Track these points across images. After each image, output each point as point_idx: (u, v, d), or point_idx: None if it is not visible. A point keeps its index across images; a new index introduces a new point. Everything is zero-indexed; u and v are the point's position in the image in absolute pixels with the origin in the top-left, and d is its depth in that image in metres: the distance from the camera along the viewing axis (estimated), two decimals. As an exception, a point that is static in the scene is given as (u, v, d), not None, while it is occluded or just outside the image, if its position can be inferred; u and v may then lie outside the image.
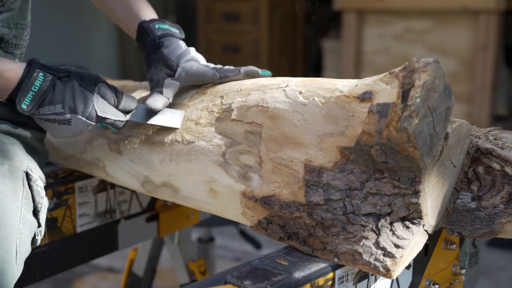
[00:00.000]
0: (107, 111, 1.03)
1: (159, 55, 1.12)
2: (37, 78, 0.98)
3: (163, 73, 1.11)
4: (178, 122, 1.06)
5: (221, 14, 4.68)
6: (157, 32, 1.13)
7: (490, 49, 3.06)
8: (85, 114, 1.00)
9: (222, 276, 0.81)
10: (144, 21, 1.15)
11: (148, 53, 1.13)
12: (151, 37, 1.13)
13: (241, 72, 1.10)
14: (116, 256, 1.65)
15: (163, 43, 1.12)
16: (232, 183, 0.98)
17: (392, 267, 0.82)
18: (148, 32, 1.13)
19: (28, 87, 0.98)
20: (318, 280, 0.82)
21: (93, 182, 1.30)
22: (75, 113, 1.00)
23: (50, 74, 0.99)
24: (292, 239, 0.90)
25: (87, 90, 1.01)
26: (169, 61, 1.11)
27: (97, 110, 1.01)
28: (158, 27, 1.14)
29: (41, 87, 0.99)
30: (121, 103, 1.05)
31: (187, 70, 1.11)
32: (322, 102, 0.91)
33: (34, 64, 1.00)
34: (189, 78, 1.12)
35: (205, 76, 1.11)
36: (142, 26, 1.14)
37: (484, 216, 0.93)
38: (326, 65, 3.79)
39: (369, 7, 3.34)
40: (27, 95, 0.98)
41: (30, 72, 0.99)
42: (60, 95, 0.99)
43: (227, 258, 2.89)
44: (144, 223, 1.43)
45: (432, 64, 0.81)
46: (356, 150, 0.86)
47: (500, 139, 0.97)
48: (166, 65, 1.11)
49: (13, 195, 0.98)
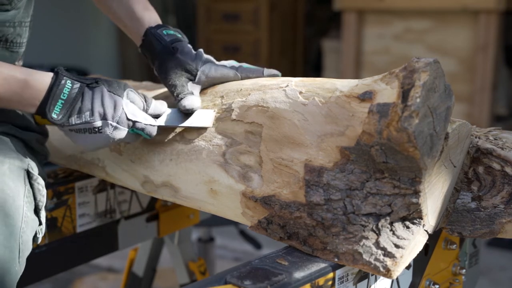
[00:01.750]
0: (138, 115, 1.01)
1: (176, 61, 1.10)
2: (65, 86, 0.97)
3: (184, 78, 1.09)
4: (210, 121, 1.04)
5: (221, 14, 4.68)
6: (167, 39, 1.11)
7: (490, 49, 3.06)
8: (115, 118, 0.98)
9: (222, 276, 0.81)
10: (151, 27, 1.13)
11: (162, 60, 1.11)
12: (162, 44, 1.11)
13: (264, 74, 1.09)
14: (116, 256, 1.66)
15: (177, 49, 1.10)
16: (232, 183, 0.98)
17: (392, 267, 0.82)
18: (158, 38, 1.11)
19: (57, 95, 0.97)
20: (318, 280, 0.82)
21: (93, 182, 1.30)
22: (105, 119, 0.98)
23: (78, 82, 0.99)
24: (292, 239, 0.90)
25: (116, 94, 0.99)
26: (187, 65, 1.10)
27: (127, 113, 0.99)
28: (166, 33, 1.12)
29: (70, 95, 0.97)
30: (150, 107, 1.04)
31: (207, 73, 1.10)
32: (322, 102, 0.91)
33: (62, 72, 0.99)
34: (210, 81, 1.11)
35: (226, 77, 1.10)
36: (150, 33, 1.12)
37: (484, 216, 0.93)
38: (326, 65, 3.79)
39: (369, 7, 3.34)
40: (57, 103, 0.97)
41: (58, 80, 0.98)
42: (89, 102, 0.98)
43: (227, 258, 2.89)
44: (144, 223, 1.43)
45: (432, 64, 0.81)
46: (356, 150, 0.86)
47: (500, 139, 0.97)
48: (185, 69, 1.10)
49: (14, 194, 0.98)
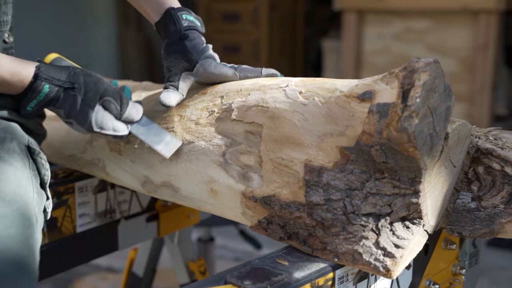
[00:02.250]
0: (106, 126, 1.04)
1: (181, 46, 1.11)
2: (42, 90, 1.01)
3: (181, 65, 1.10)
4: (170, 151, 1.05)
5: (221, 14, 4.68)
6: (184, 23, 1.12)
7: (490, 49, 3.06)
8: (83, 126, 1.04)
9: (222, 276, 0.81)
10: (172, 8, 1.13)
11: (170, 41, 1.12)
12: (177, 27, 1.11)
13: (262, 73, 1.10)
14: (116, 256, 1.65)
15: (187, 36, 1.11)
16: (232, 183, 0.98)
17: (392, 267, 0.82)
18: (175, 20, 1.12)
19: (33, 96, 1.01)
20: (318, 280, 0.82)
21: (93, 182, 1.30)
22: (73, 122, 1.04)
23: (56, 86, 1.02)
24: (292, 239, 0.90)
25: (88, 105, 1.03)
26: (189, 54, 1.10)
27: (94, 125, 1.03)
28: (185, 18, 1.13)
29: (46, 97, 1.02)
30: (124, 115, 1.06)
31: (206, 67, 1.10)
32: (322, 102, 0.91)
33: (41, 75, 1.00)
34: (206, 76, 1.11)
35: (224, 75, 1.10)
36: (169, 13, 1.13)
37: (484, 216, 0.93)
38: (326, 65, 3.79)
39: (369, 7, 3.34)
40: (32, 102, 1.02)
41: (36, 84, 1.00)
42: (62, 104, 1.03)
43: (227, 258, 2.89)
44: (144, 223, 1.42)
45: (432, 64, 0.81)
46: (356, 150, 0.86)
47: (500, 139, 0.97)
48: (186, 58, 1.10)
49: (21, 166, 1.00)
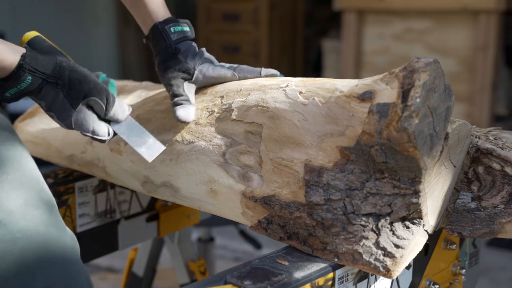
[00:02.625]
0: (85, 127, 1.01)
1: (175, 61, 1.11)
2: (24, 81, 0.97)
3: (180, 77, 1.10)
4: (152, 156, 1.04)
5: (221, 14, 4.68)
6: (173, 37, 1.12)
7: (490, 49, 3.06)
8: (62, 121, 1.01)
9: (222, 276, 0.81)
10: (159, 22, 1.13)
11: (162, 58, 1.12)
12: (167, 43, 1.11)
13: (261, 74, 1.10)
14: (116, 256, 1.66)
15: (179, 49, 1.11)
16: (232, 183, 0.98)
17: (392, 267, 0.82)
18: (164, 36, 1.12)
19: (13, 85, 0.98)
20: (318, 280, 0.82)
21: (93, 182, 1.30)
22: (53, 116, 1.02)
23: (39, 78, 0.98)
24: (292, 239, 0.90)
25: (70, 104, 1.00)
26: (185, 65, 1.10)
27: (74, 125, 1.01)
28: (174, 31, 1.12)
29: (27, 88, 0.98)
30: (109, 113, 1.03)
31: (204, 73, 1.10)
32: (322, 102, 0.91)
33: (25, 66, 0.97)
34: (207, 80, 1.11)
35: (223, 77, 1.11)
36: (157, 29, 1.12)
37: (484, 216, 0.93)
38: (326, 65, 3.79)
39: (369, 7, 3.34)
40: (11, 89, 0.98)
41: (19, 74, 0.97)
42: (44, 96, 1.00)
43: (227, 258, 2.89)
44: (144, 223, 1.42)
45: (432, 64, 0.81)
46: (356, 150, 0.86)
47: (500, 139, 0.97)
48: (183, 69, 1.10)
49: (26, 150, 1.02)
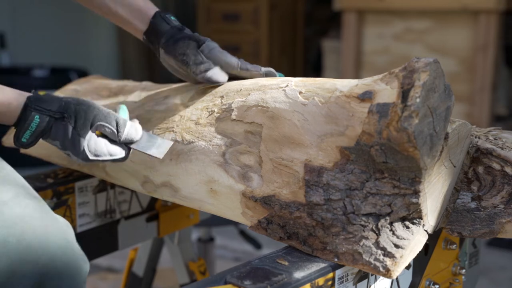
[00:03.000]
0: (101, 152, 1.02)
1: (184, 34, 1.13)
2: (33, 120, 1.00)
3: (192, 45, 1.11)
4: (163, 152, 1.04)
5: (221, 14, 4.68)
6: (175, 22, 1.15)
7: (490, 49, 3.06)
8: (78, 155, 1.02)
9: (222, 276, 0.81)
10: (160, 11, 1.16)
11: (169, 36, 1.13)
12: (171, 25, 1.14)
13: (262, 70, 1.11)
14: (116, 256, 1.65)
15: (184, 27, 1.14)
16: (232, 183, 0.98)
17: (392, 267, 0.82)
18: (167, 21, 1.14)
19: (24, 128, 1.00)
20: (318, 280, 0.82)
21: (93, 182, 1.30)
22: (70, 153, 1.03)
23: (46, 116, 1.01)
24: (292, 239, 0.90)
25: (79, 134, 1.01)
26: (194, 37, 1.12)
27: (89, 154, 1.01)
28: (174, 19, 1.16)
29: (38, 127, 1.00)
30: (122, 136, 1.04)
31: (211, 49, 1.11)
32: (322, 102, 0.91)
33: (31, 105, 1.00)
34: (210, 55, 1.11)
35: (228, 61, 1.11)
36: (159, 16, 1.15)
37: (484, 216, 0.93)
38: (326, 65, 3.79)
39: (369, 7, 3.34)
40: (25, 133, 1.01)
41: (26, 115, 1.00)
42: (55, 135, 1.02)
43: (227, 258, 2.88)
44: (144, 223, 1.42)
45: (432, 64, 0.81)
46: (356, 150, 0.86)
47: (500, 139, 0.97)
48: (194, 39, 1.12)
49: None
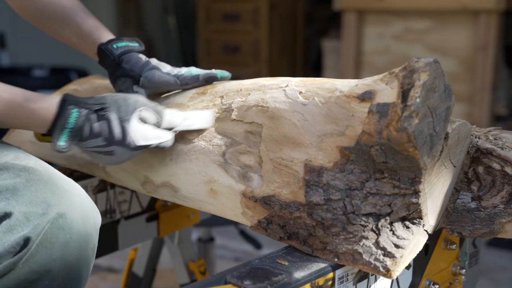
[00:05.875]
0: (149, 136, 1.01)
1: (121, 70, 1.16)
2: (70, 115, 0.97)
3: (128, 83, 1.16)
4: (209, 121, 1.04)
5: (221, 14, 4.67)
6: (116, 52, 1.17)
7: (490, 49, 3.05)
8: (125, 145, 0.99)
9: (222, 276, 0.81)
10: (102, 44, 1.19)
11: (111, 71, 1.18)
12: (111, 58, 1.17)
13: (200, 79, 1.13)
14: (116, 256, 1.65)
15: (122, 60, 1.17)
16: (232, 183, 0.98)
17: (392, 267, 0.82)
18: (108, 53, 1.17)
19: (63, 125, 0.97)
20: (318, 280, 0.82)
21: (93, 182, 1.30)
22: (116, 145, 0.99)
23: (85, 109, 0.98)
24: (292, 239, 0.90)
25: (124, 120, 0.99)
26: (131, 73, 1.16)
27: (138, 139, 1.00)
28: (116, 47, 1.18)
29: (77, 123, 0.98)
30: (164, 122, 1.03)
31: (150, 78, 1.15)
32: (322, 102, 0.91)
33: (68, 100, 0.98)
34: (152, 85, 1.15)
35: (167, 83, 1.15)
36: (101, 49, 1.19)
37: (484, 216, 0.93)
38: (326, 65, 3.78)
39: (369, 7, 3.34)
40: (63, 132, 0.97)
41: (63, 109, 0.97)
42: (98, 129, 0.99)
43: (227, 258, 2.88)
44: (144, 223, 1.42)
45: (432, 64, 0.81)
46: (356, 150, 0.86)
47: (500, 139, 0.97)
48: (129, 76, 1.16)
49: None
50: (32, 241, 0.86)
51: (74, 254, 0.89)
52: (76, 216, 0.90)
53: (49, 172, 0.94)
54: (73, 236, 0.89)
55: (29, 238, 0.86)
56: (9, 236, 0.86)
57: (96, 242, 0.94)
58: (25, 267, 0.86)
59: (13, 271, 0.85)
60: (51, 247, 0.87)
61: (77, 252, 0.90)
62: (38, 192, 0.89)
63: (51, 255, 0.87)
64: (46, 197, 0.89)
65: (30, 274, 0.86)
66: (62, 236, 0.88)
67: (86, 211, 0.92)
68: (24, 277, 0.86)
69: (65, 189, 0.92)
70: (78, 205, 0.91)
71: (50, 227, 0.87)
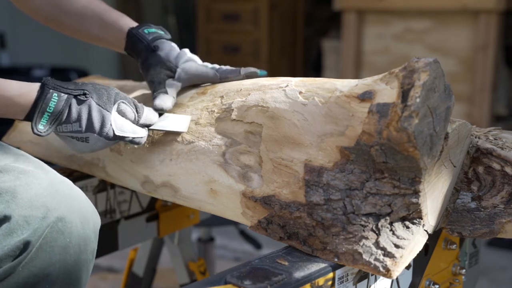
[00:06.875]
0: (125, 129, 1.01)
1: (157, 58, 1.12)
2: (51, 99, 0.96)
3: (163, 74, 1.11)
4: (185, 126, 1.06)
5: (221, 14, 4.68)
6: (148, 37, 1.14)
7: (490, 49, 3.06)
8: (103, 133, 0.99)
9: (222, 276, 0.81)
10: (132, 28, 1.15)
11: (144, 58, 1.14)
12: (144, 43, 1.13)
13: (241, 73, 1.11)
14: (116, 256, 1.65)
15: (158, 47, 1.13)
16: (232, 183, 0.98)
17: (392, 267, 0.82)
18: (140, 38, 1.14)
19: (42, 108, 0.96)
20: (318, 280, 0.82)
21: (93, 182, 1.30)
22: (92, 132, 0.98)
23: (65, 93, 0.97)
24: (292, 239, 0.90)
25: (104, 109, 0.99)
26: (167, 63, 1.12)
27: (115, 129, 0.99)
28: (148, 32, 1.14)
29: (56, 107, 0.96)
30: (141, 118, 1.04)
31: (187, 70, 1.12)
32: (322, 102, 0.91)
33: (48, 84, 0.97)
34: (189, 78, 1.12)
35: (205, 76, 1.12)
36: (132, 34, 1.15)
37: (484, 216, 0.93)
38: (326, 65, 3.78)
39: (369, 7, 3.34)
40: (43, 116, 0.96)
41: (44, 93, 0.96)
42: (76, 114, 0.98)
43: (227, 258, 2.88)
44: (144, 223, 1.42)
45: (432, 64, 0.81)
46: (356, 150, 0.86)
47: (500, 139, 0.97)
48: (165, 67, 1.12)
49: None
50: (32, 245, 0.86)
51: (74, 257, 0.90)
52: (76, 220, 0.90)
53: (49, 175, 0.94)
54: (73, 240, 0.89)
55: (29, 242, 0.86)
56: (9, 239, 0.86)
57: (96, 246, 0.94)
58: (25, 271, 0.86)
59: (13, 274, 0.85)
60: (51, 251, 0.87)
61: (76, 255, 0.90)
62: (38, 196, 0.89)
63: (50, 259, 0.87)
64: (46, 200, 0.89)
65: (29, 278, 0.86)
66: (62, 240, 0.88)
67: (86, 215, 0.93)
68: (24, 281, 0.86)
69: (64, 193, 0.92)
70: (77, 208, 0.92)
71: (50, 231, 0.87)
